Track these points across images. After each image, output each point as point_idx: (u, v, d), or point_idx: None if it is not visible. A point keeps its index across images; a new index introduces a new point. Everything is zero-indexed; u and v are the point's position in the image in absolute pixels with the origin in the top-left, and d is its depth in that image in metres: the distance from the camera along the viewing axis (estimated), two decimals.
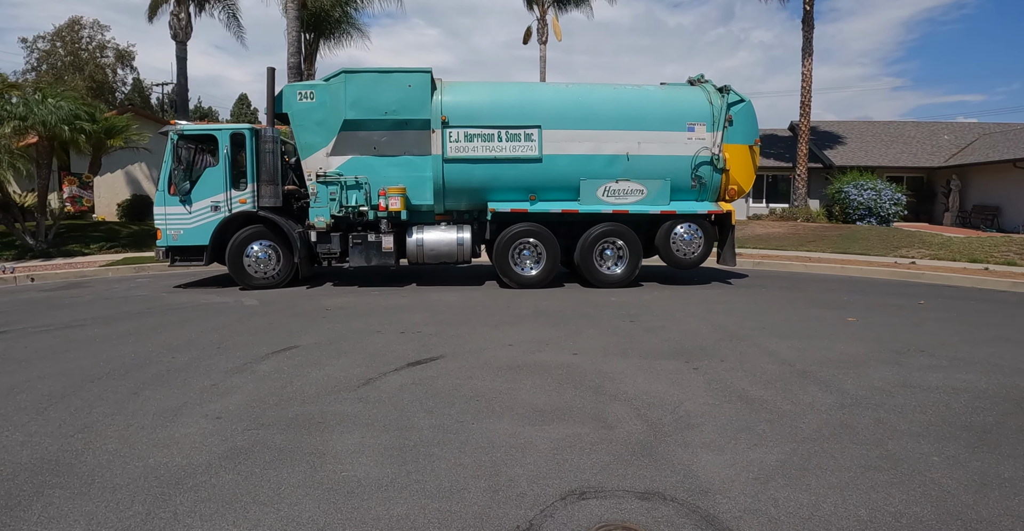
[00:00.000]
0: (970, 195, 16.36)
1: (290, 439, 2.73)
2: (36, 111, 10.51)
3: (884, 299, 6.97)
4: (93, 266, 10.18)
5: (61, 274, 9.48)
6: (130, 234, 13.46)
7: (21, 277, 9.12)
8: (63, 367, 3.94)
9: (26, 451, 2.64)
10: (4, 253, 11.21)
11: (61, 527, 2.05)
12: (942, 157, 17.60)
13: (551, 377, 3.68)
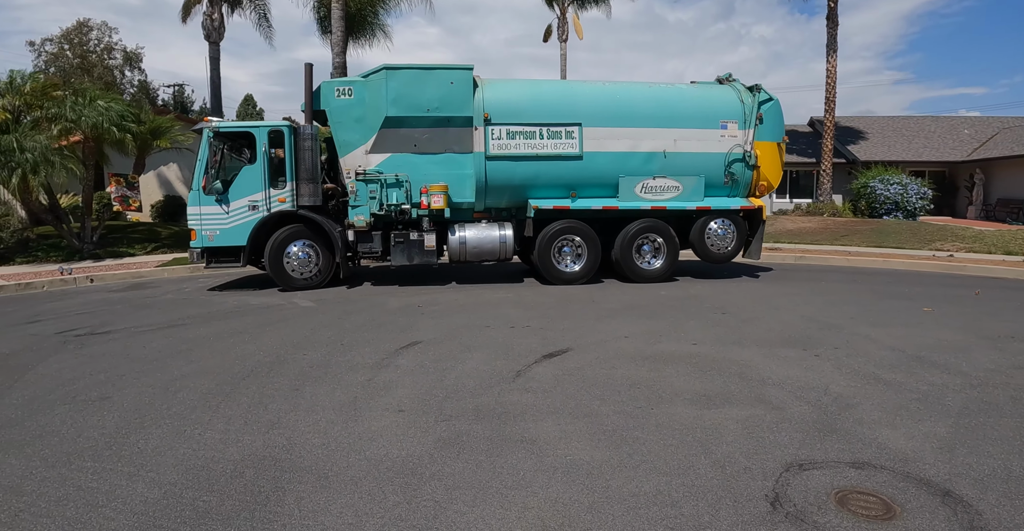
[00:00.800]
0: (994, 189, 18.76)
1: (491, 429, 3.54)
2: (86, 113, 11.65)
3: (942, 291, 8.54)
4: (148, 267, 11.38)
5: (119, 275, 10.65)
6: (171, 235, 14.82)
7: (81, 278, 10.22)
8: (200, 366, 4.93)
9: (232, 448, 3.30)
10: (52, 255, 12.31)
11: (330, 518, 2.60)
12: (964, 151, 19.96)
13: (689, 365, 4.83)
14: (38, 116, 11.90)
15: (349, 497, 2.82)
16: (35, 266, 11.74)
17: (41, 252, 12.59)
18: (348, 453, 3.28)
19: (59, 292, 9.52)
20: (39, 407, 4.01)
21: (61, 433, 3.57)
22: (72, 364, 5.05)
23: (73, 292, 9.45)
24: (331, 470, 3.08)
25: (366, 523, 2.60)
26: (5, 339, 6.04)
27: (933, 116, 22.96)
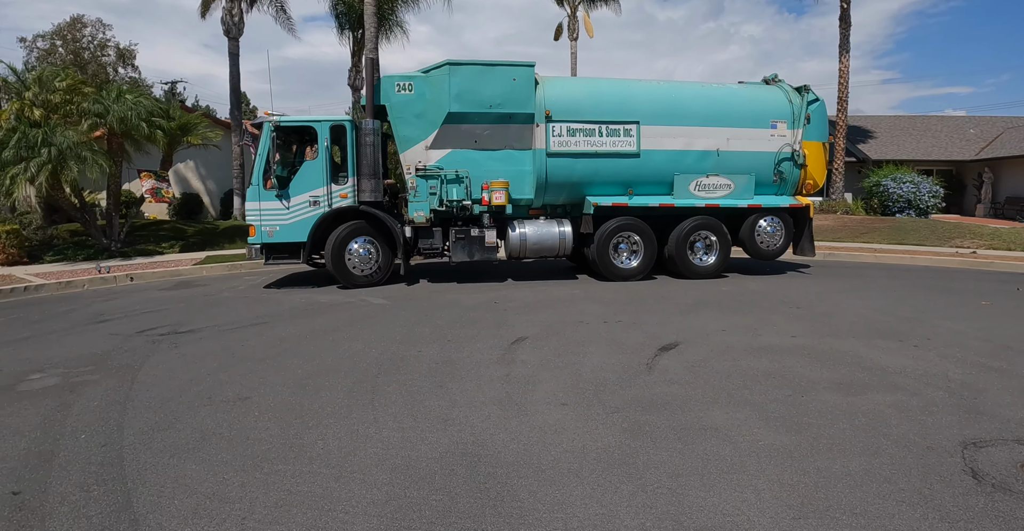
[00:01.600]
0: (1003, 187, 19.56)
1: (666, 419, 3.67)
2: (116, 108, 11.43)
3: (985, 286, 8.85)
4: (184, 265, 11.27)
5: (158, 273, 10.53)
6: (196, 232, 14.68)
7: (120, 277, 10.04)
8: (320, 364, 4.90)
9: (422, 446, 3.30)
10: (80, 253, 12.12)
11: (578, 509, 2.67)
12: (972, 150, 20.71)
13: (805, 356, 5.00)
14: (69, 111, 11.66)
15: (581, 488, 2.88)
16: (67, 265, 11.49)
17: (69, 250, 12.33)
18: (544, 446, 3.34)
19: (104, 291, 9.36)
20: (179, 409, 3.93)
21: (224, 435, 3.51)
22: (179, 364, 4.98)
23: (120, 291, 9.30)
24: (542, 463, 3.13)
25: (618, 513, 2.67)
26: (87, 339, 5.95)
27: (939, 115, 23.95)
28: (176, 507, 2.71)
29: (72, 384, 4.47)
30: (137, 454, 3.25)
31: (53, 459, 3.20)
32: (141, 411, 3.91)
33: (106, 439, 3.46)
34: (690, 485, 2.92)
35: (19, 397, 4.21)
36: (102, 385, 4.44)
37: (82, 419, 3.77)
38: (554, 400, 4.07)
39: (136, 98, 12.10)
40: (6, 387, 4.44)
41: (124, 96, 12.09)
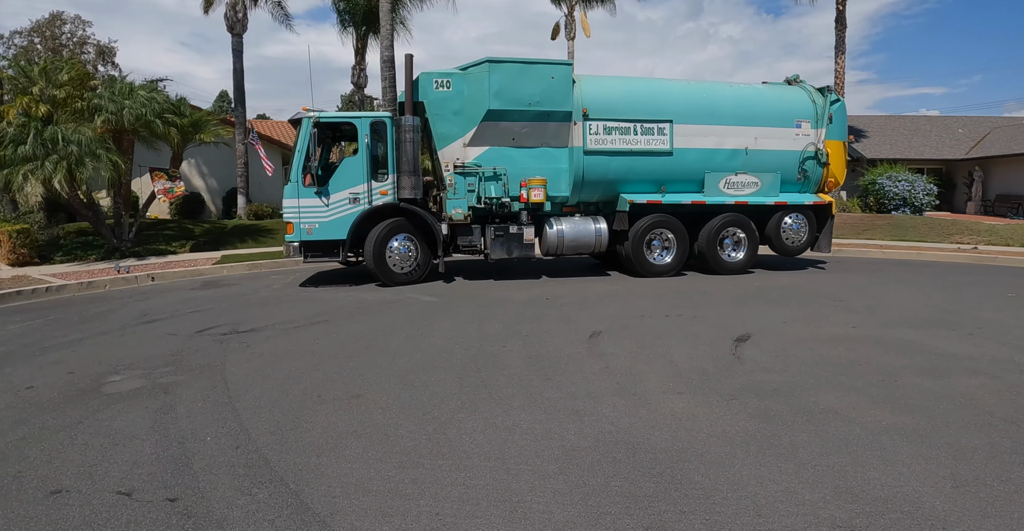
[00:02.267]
0: (992, 185, 20.47)
1: (784, 404, 3.83)
2: (129, 104, 11.15)
3: (1001, 279, 9.21)
4: (203, 265, 11.10)
5: (178, 273, 10.35)
6: (204, 232, 14.40)
7: (142, 277, 9.83)
8: (412, 361, 4.90)
9: (575, 437, 3.35)
10: (90, 253, 11.79)
11: (778, 490, 2.76)
12: (961, 150, 21.55)
13: (874, 345, 5.21)
14: (79, 107, 11.35)
15: (748, 469, 3.00)
16: (80, 265, 11.19)
17: (77, 250, 12.01)
18: (688, 432, 3.45)
19: (130, 291, 9.17)
20: (295, 408, 3.89)
21: (360, 433, 3.48)
22: (264, 363, 4.91)
23: (148, 291, 9.12)
24: (695, 448, 3.24)
25: (796, 489, 2.80)
26: (147, 340, 5.82)
27: (927, 115, 25.08)
28: (357, 506, 2.68)
29: (161, 385, 4.38)
30: (280, 455, 3.21)
31: (191, 463, 3.12)
32: (255, 411, 3.86)
33: (235, 441, 3.40)
34: (843, 462, 3.08)
35: (112, 400, 4.10)
36: (193, 386, 4.36)
37: (195, 421, 3.71)
38: (668, 390, 4.19)
39: (149, 94, 11.86)
40: (90, 390, 4.32)
41: (137, 92, 11.84)
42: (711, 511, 2.63)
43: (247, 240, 14.22)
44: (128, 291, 9.15)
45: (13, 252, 10.94)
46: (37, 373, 4.77)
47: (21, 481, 2.96)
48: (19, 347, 5.63)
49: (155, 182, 12.40)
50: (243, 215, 16.71)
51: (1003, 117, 24.93)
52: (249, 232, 14.76)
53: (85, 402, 4.06)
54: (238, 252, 12.87)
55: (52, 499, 2.78)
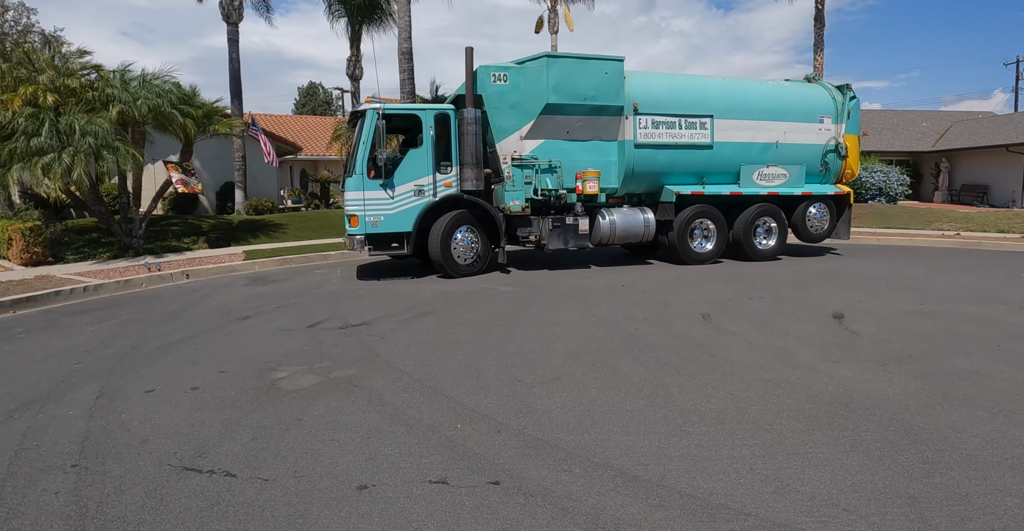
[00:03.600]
0: (957, 175, 22.32)
1: (939, 368, 4.32)
2: (144, 95, 10.73)
3: (996, 261, 10.29)
4: (233, 261, 10.86)
5: (210, 270, 10.11)
6: (212, 227, 13.94)
7: (176, 275, 9.53)
8: (564, 345, 5.16)
9: (845, 396, 3.73)
10: (102, 252, 11.31)
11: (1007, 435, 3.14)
12: (927, 143, 23.37)
13: (955, 319, 5.85)
14: (90, 97, 10.83)
15: (968, 413, 3.53)
16: (97, 264, 10.71)
17: (87, 248, 11.48)
18: (882, 392, 3.92)
19: (175, 289, 8.91)
20: (510, 393, 3.99)
21: (600, 411, 3.65)
22: (421, 354, 4.94)
23: (195, 288, 8.91)
24: (907, 403, 3.71)
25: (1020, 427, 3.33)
26: (264, 337, 5.76)
27: (894, 110, 26.91)
28: (744, 484, 2.76)
29: (338, 380, 4.34)
30: (551, 434, 3.30)
31: (474, 448, 3.16)
32: (473, 398, 3.90)
33: (489, 425, 3.46)
34: (1019, 408, 3.64)
35: (304, 396, 4.03)
36: (376, 378, 4.36)
37: (421, 410, 3.71)
38: (825, 360, 4.65)
39: (165, 83, 11.47)
40: (267, 387, 4.22)
41: (151, 82, 11.42)
42: (957, 448, 3.09)
43: (259, 236, 13.94)
44: (172, 289, 8.91)
45: (26, 251, 10.39)
46: (181, 374, 4.58)
47: (314, 480, 2.86)
48: (128, 350, 5.39)
49: (171, 175, 12.00)
50: (242, 210, 16.28)
51: (962, 111, 27.38)
52: (258, 227, 14.45)
53: (278, 399, 3.98)
54: (258, 247, 12.63)
55: (362, 494, 2.73)
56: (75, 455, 3.17)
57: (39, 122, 9.99)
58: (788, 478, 2.82)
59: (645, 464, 2.97)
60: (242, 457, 3.09)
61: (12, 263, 10.66)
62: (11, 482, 2.89)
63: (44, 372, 4.74)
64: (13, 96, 10.43)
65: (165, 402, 3.95)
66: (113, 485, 2.83)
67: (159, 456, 3.13)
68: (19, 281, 9.16)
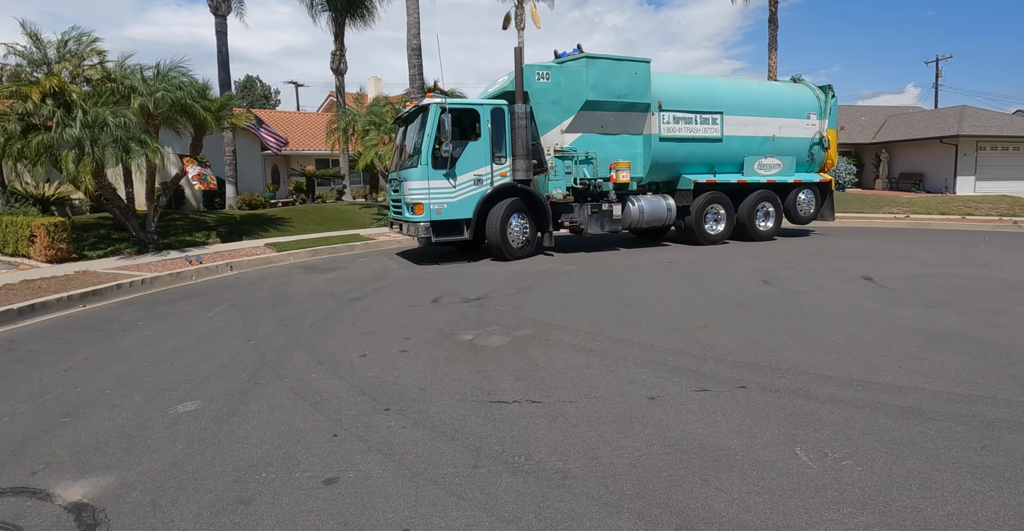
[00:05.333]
0: (895, 165, 25.34)
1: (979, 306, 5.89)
2: (164, 87, 10.85)
3: (955, 237, 12.32)
4: (265, 253, 11.34)
5: (251, 261, 10.52)
6: (218, 222, 14.18)
7: (221, 267, 9.83)
8: (690, 305, 6.37)
9: (932, 326, 5.41)
10: (123, 248, 11.36)
11: None
12: (868, 135, 26.30)
13: (960, 278, 7.35)
14: (109, 88, 10.87)
15: None
16: (124, 259, 10.80)
17: (102, 244, 11.48)
18: (941, 324, 5.31)
19: (232, 279, 9.30)
20: (684, 335, 5.19)
21: (795, 340, 4.99)
22: (572, 317, 6.02)
23: (257, 278, 9.35)
24: (969, 332, 5.08)
25: None
26: (399, 312, 6.52)
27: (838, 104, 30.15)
28: (906, 372, 4.18)
29: (524, 337, 5.14)
30: (779, 362, 4.56)
31: (715, 374, 4.28)
32: (663, 340, 5.03)
33: (704, 354, 4.68)
34: None
35: (511, 349, 4.88)
36: (555, 335, 5.24)
37: (637, 353, 4.75)
38: (887, 306, 6.06)
39: (182, 77, 11.65)
40: (466, 346, 4.92)
41: (167, 74, 11.57)
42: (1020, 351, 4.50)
43: (268, 229, 14.22)
44: (230, 280, 9.32)
45: (51, 247, 10.36)
46: (371, 342, 5.20)
47: (606, 399, 3.94)
48: (280, 328, 5.86)
49: (188, 169, 12.16)
50: (234, 205, 16.36)
51: (897, 106, 30.86)
52: (263, 222, 14.70)
53: (493, 353, 4.79)
54: (277, 240, 12.99)
55: (653, 403, 3.90)
56: (379, 404, 3.74)
57: (72, 114, 10.04)
58: (932, 371, 4.11)
59: (828, 370, 4.18)
60: (531, 390, 3.90)
61: (36, 261, 10.59)
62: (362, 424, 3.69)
63: (228, 349, 5.13)
64: (32, 87, 10.39)
65: (392, 362, 4.59)
66: (450, 418, 3.53)
67: (455, 396, 3.81)
68: (63, 277, 9.25)
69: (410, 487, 2.66)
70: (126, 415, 3.69)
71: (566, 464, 2.84)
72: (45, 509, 2.63)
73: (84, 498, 2.72)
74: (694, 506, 2.49)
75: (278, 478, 2.76)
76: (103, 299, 8.24)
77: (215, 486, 2.74)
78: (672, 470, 2.78)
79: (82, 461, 3.09)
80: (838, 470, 2.76)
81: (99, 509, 2.60)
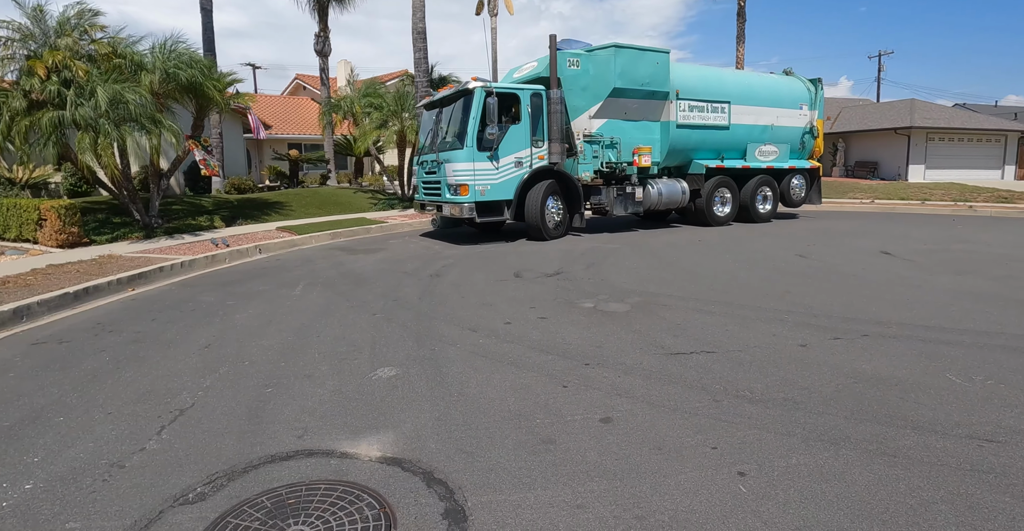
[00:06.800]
0: (851, 154, 27.49)
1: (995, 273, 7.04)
2: (176, 63, 10.72)
3: (924, 220, 13.83)
4: (287, 236, 11.48)
5: (277, 244, 10.61)
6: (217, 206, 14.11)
7: (250, 250, 9.76)
8: (750, 274, 7.22)
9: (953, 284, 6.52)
10: (129, 233, 11.16)
11: None
12: (825, 125, 28.45)
13: (958, 252, 8.53)
14: (116, 64, 10.55)
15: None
16: (135, 243, 10.61)
17: (105, 229, 11.19)
18: (972, 287, 6.30)
19: (272, 261, 9.43)
20: (781, 297, 5.98)
21: None
22: (668, 287, 6.72)
23: (303, 257, 9.53)
24: (999, 292, 6.09)
25: None
26: (491, 287, 7.05)
27: None
28: (956, 318, 5.10)
29: (639, 304, 5.76)
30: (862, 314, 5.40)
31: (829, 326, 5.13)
32: (767, 302, 5.75)
33: (811, 314, 5.43)
34: None
35: (639, 314, 5.60)
36: (664, 302, 6.00)
37: (756, 313, 5.53)
38: (922, 275, 7.05)
39: (192, 53, 11.44)
40: (596, 312, 5.51)
41: (175, 50, 11.33)
42: None
43: (269, 213, 14.15)
44: (271, 261, 9.42)
45: (62, 232, 10.08)
46: (499, 312, 5.83)
47: (771, 342, 4.70)
48: (394, 304, 6.15)
49: (193, 151, 11.97)
50: (221, 189, 16.06)
51: (850, 98, 33.37)
52: (262, 206, 14.58)
53: (627, 317, 5.51)
54: (290, 224, 13.02)
55: (805, 350, 4.65)
56: (573, 361, 4.30)
57: (88, 90, 9.77)
58: (1001, 320, 5.03)
59: (920, 322, 5.04)
60: (694, 344, 4.54)
61: (46, 246, 10.26)
62: None
63: (361, 323, 5.44)
64: (36, 62, 10.02)
65: (542, 327, 5.08)
66: (651, 368, 4.20)
67: (636, 351, 4.37)
68: (91, 262, 9.06)
69: (680, 418, 3.22)
70: (332, 383, 3.89)
71: (786, 394, 3.51)
72: (362, 466, 2.78)
73: (386, 453, 2.90)
74: (908, 414, 3.21)
75: (556, 421, 3.22)
76: (150, 283, 8.21)
77: (508, 433, 3.09)
78: (871, 393, 3.50)
79: (339, 424, 3.26)
80: (987, 387, 3.56)
81: (414, 460, 2.82)
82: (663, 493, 2.50)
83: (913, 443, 2.90)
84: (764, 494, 2.49)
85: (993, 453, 2.79)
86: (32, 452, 3.06)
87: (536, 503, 2.44)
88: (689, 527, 2.27)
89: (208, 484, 2.69)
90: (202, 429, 3.27)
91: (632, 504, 2.42)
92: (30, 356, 4.76)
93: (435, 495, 2.51)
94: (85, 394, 3.85)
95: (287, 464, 2.84)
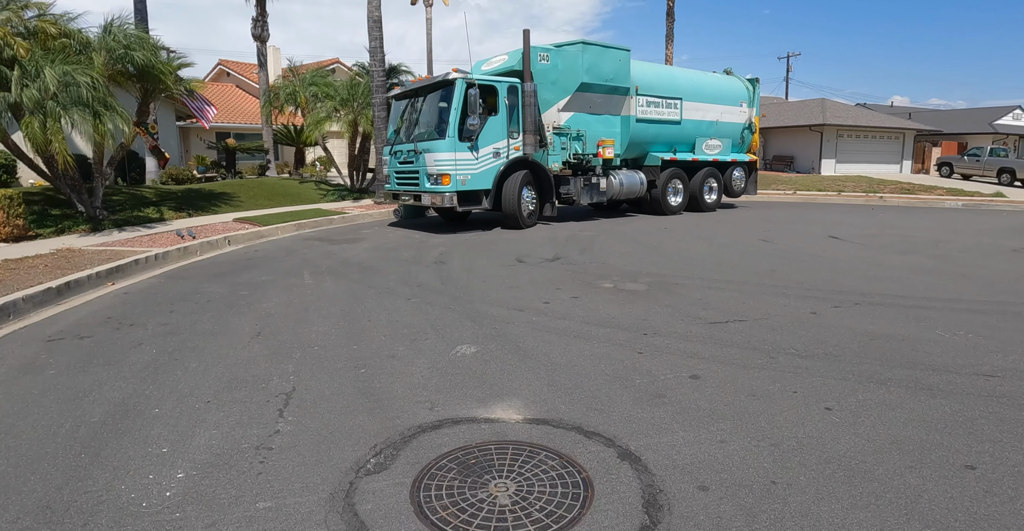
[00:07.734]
0: (769, 149, 29.84)
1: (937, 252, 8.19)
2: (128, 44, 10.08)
3: (847, 208, 15.52)
4: (252, 227, 11.07)
5: (245, 235, 10.33)
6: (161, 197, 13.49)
7: (219, 241, 9.33)
8: (733, 256, 7.98)
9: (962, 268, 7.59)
10: (76, 225, 10.55)
11: None
12: None
13: (901, 235, 9.92)
14: (62, 44, 9.84)
15: (997, 264, 7.23)
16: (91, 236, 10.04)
17: (50, 221, 10.43)
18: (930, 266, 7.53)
19: (251, 252, 9.28)
20: (770, 273, 6.75)
21: None
22: (682, 269, 7.31)
23: (287, 247, 9.41)
24: (963, 259, 7.31)
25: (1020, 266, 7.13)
26: (501, 271, 7.40)
27: None
28: (940, 287, 6.08)
29: (653, 284, 6.40)
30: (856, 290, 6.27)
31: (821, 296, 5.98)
32: (767, 281, 6.52)
33: (806, 289, 6.25)
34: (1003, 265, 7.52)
35: (659, 292, 6.15)
36: (674, 280, 6.61)
37: (755, 288, 6.21)
38: (876, 254, 8.15)
39: (140, 32, 10.87)
40: (621, 291, 6.14)
41: (123, 30, 10.71)
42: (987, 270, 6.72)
43: (218, 205, 13.65)
44: (248, 252, 9.22)
45: (7, 224, 9.37)
46: (527, 294, 6.27)
47: (791, 312, 5.45)
48: (413, 288, 6.52)
49: (144, 137, 11.40)
50: (157, 180, 15.23)
51: (767, 96, 36.09)
52: (209, 197, 14.00)
53: (648, 294, 6.09)
54: (246, 214, 12.66)
55: (814, 318, 5.42)
56: (631, 332, 4.89)
57: (33, 71, 9.13)
58: (958, 289, 6.07)
59: (894, 292, 5.97)
60: (722, 314, 5.20)
61: None
62: None
63: (400, 308, 5.83)
64: None
65: (582, 305, 5.58)
66: (702, 335, 4.78)
67: (679, 322, 4.97)
68: (50, 256, 8.53)
69: (753, 372, 3.78)
70: (421, 361, 4.09)
71: (824, 350, 4.20)
72: (514, 427, 3.06)
73: (526, 416, 3.19)
74: (924, 361, 3.98)
75: (654, 380, 3.68)
76: (129, 276, 7.89)
77: (620, 392, 3.51)
78: (888, 346, 4.27)
79: (459, 395, 3.49)
80: (969, 339, 4.44)
81: (556, 420, 3.15)
82: (779, 426, 3.07)
83: (939, 381, 3.66)
84: (853, 421, 3.12)
85: (999, 384, 3.59)
86: (155, 443, 3.01)
87: (686, 442, 2.93)
88: (815, 447, 2.85)
89: (378, 455, 2.83)
90: (324, 409, 3.37)
91: (761, 436, 2.97)
92: (56, 353, 4.54)
93: (600, 443, 2.92)
94: (163, 386, 3.79)
95: (442, 431, 3.07)
